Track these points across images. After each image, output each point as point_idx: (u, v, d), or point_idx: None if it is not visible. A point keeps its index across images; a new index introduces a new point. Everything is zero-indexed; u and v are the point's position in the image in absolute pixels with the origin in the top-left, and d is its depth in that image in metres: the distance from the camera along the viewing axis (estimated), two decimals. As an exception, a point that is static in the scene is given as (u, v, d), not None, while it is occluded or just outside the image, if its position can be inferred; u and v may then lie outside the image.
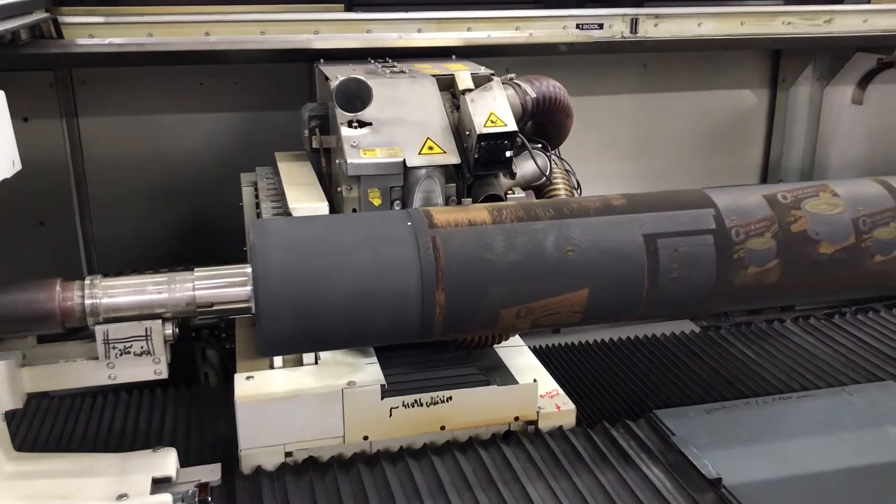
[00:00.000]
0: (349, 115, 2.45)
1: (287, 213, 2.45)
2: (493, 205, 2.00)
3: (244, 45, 3.12)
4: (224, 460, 2.20)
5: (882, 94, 4.51)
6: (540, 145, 2.65)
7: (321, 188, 2.58)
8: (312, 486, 2.13)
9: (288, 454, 2.21)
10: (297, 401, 2.19)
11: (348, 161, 2.36)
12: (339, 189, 2.49)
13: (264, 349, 1.78)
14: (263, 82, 3.67)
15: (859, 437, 2.38)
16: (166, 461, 2.04)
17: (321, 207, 2.38)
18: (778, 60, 4.36)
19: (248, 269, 1.79)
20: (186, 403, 2.80)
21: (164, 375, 1.88)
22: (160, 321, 1.84)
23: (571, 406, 2.43)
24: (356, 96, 2.42)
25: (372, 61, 3.08)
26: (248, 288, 1.79)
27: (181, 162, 3.75)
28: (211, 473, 2.09)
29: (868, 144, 4.62)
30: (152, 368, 1.87)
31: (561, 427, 2.40)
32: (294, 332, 1.77)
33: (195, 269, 1.85)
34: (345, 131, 2.44)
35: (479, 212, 1.96)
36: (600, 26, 3.40)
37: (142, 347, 1.84)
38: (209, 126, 3.74)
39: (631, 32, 3.44)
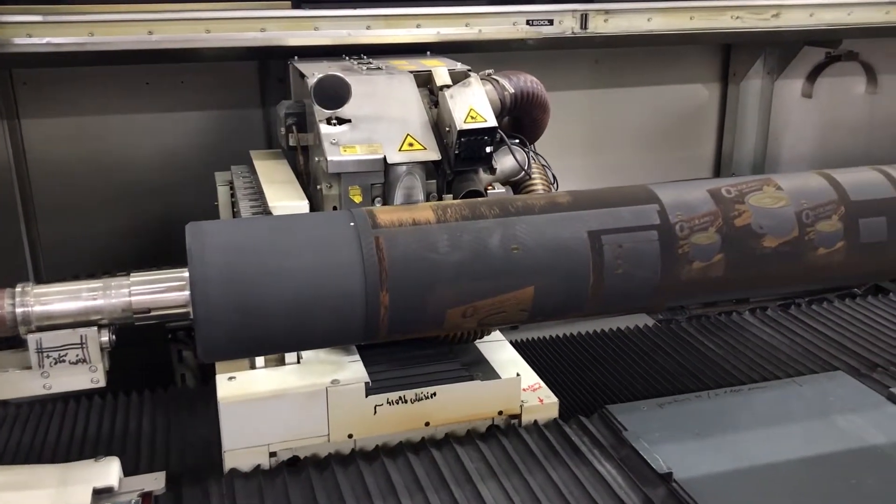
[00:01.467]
0: (328, 113, 2.44)
1: (266, 211, 2.44)
2: (438, 204, 1.98)
3: (190, 43, 3.05)
4: (204, 462, 2.22)
5: (831, 87, 4.58)
6: (517, 140, 2.65)
7: (300, 186, 2.57)
8: (287, 485, 2.12)
9: (272, 454, 2.20)
10: (280, 400, 2.18)
11: (329, 159, 2.35)
12: (318, 187, 2.47)
13: (202, 356, 1.74)
14: (211, 81, 3.61)
15: (809, 428, 2.41)
16: (108, 471, 1.99)
17: (301, 206, 2.38)
18: (728, 55, 4.41)
19: (186, 274, 1.75)
20: (164, 406, 2.74)
21: (102, 384, 1.83)
22: (96, 328, 1.79)
23: (554, 399, 2.44)
24: (335, 93, 2.41)
25: (346, 58, 3.06)
26: (186, 293, 1.74)
27: (130, 163, 3.69)
28: (155, 482, 2.04)
29: (818, 137, 4.70)
30: (89, 377, 1.82)
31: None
32: (233, 337, 1.74)
33: (131, 275, 1.80)
34: (324, 128, 2.43)
35: (423, 211, 1.93)
36: (550, 22, 3.40)
37: (77, 356, 1.79)
38: (157, 126, 3.68)
39: (581, 28, 3.44)
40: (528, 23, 3.37)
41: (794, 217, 2.05)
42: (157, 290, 1.79)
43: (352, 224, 1.84)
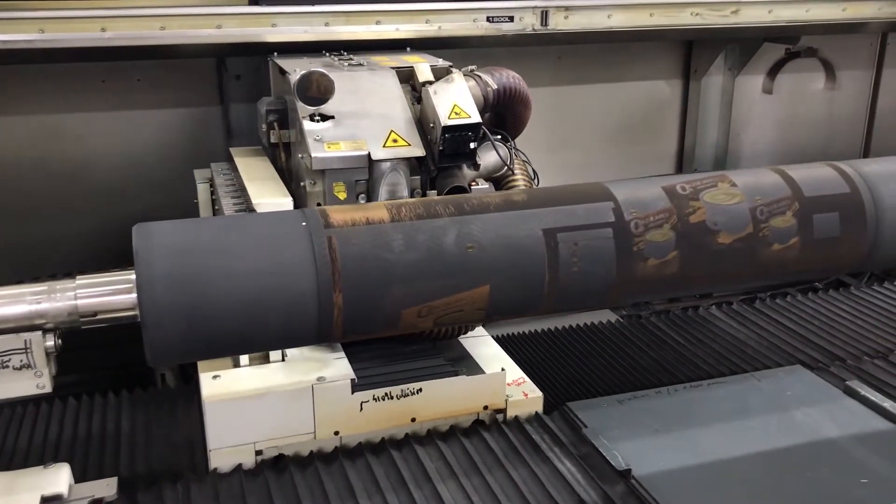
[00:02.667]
0: (311, 109, 2.43)
1: (249, 209, 2.44)
2: (393, 202, 1.95)
3: (144, 40, 3.01)
4: (186, 462, 2.21)
5: (791, 83, 4.63)
6: (499, 136, 2.65)
7: (283, 183, 2.57)
8: (268, 484, 2.11)
9: (258, 452, 2.19)
10: (266, 398, 2.18)
11: (312, 155, 2.34)
12: (301, 184, 2.46)
13: (151, 360, 1.70)
14: (168, 79, 3.55)
15: (766, 423, 2.43)
16: (58, 478, 1.95)
17: (285, 202, 2.40)
18: (690, 51, 4.43)
19: (133, 276, 1.71)
20: (144, 406, 2.68)
21: (48, 389, 1.79)
22: (41, 333, 1.75)
23: (538, 393, 2.45)
24: (318, 90, 2.40)
25: (327, 54, 3.05)
26: (134, 295, 1.71)
27: (88, 163, 3.62)
28: (107, 488, 2.01)
29: (779, 132, 4.74)
30: (34, 382, 1.77)
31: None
32: (182, 340, 1.70)
33: (77, 277, 1.76)
34: (307, 125, 2.42)
35: (377, 210, 1.91)
36: (511, 19, 3.39)
37: (21, 361, 1.74)
38: (114, 125, 3.62)
39: (541, 25, 3.45)
40: (488, 19, 3.37)
41: (748, 213, 2.06)
42: (103, 293, 1.74)
43: (304, 224, 1.81)
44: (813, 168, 2.24)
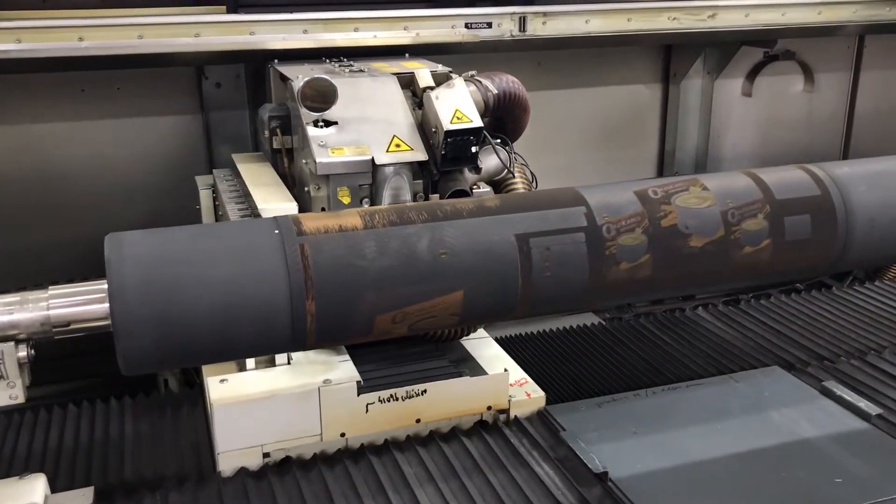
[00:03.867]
0: (315, 115, 2.46)
1: (255, 214, 2.46)
2: (366, 209, 1.97)
3: (122, 49, 3.00)
4: (194, 466, 2.23)
5: (770, 85, 4.66)
6: (499, 140, 2.68)
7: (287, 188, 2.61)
8: (272, 487, 2.12)
9: (265, 455, 2.21)
10: (274, 401, 2.19)
11: (317, 160, 2.38)
12: (306, 189, 2.49)
13: (124, 369, 1.71)
14: (148, 87, 3.55)
15: (743, 424, 2.44)
16: (32, 488, 1.94)
17: (290, 207, 2.42)
18: (669, 55, 4.46)
19: (106, 286, 1.71)
20: (147, 411, 2.67)
21: (21, 400, 1.79)
22: (13, 343, 1.75)
23: (541, 393, 2.47)
24: (321, 96, 2.44)
25: (327, 60, 3.08)
26: (106, 305, 1.71)
27: (70, 173, 3.61)
28: (82, 498, 2.00)
29: (759, 134, 4.77)
30: (7, 393, 1.77)
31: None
32: (155, 349, 1.71)
33: (49, 288, 1.76)
34: (311, 131, 2.46)
35: (350, 217, 1.92)
36: (489, 25, 3.41)
37: (-6, 372, 1.74)
38: (95, 134, 3.61)
39: (520, 31, 3.46)
40: (466, 26, 3.38)
41: (719, 216, 2.08)
42: (76, 303, 1.75)
43: (276, 232, 1.82)
44: (784, 171, 2.26)
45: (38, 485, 1.96)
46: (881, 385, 2.63)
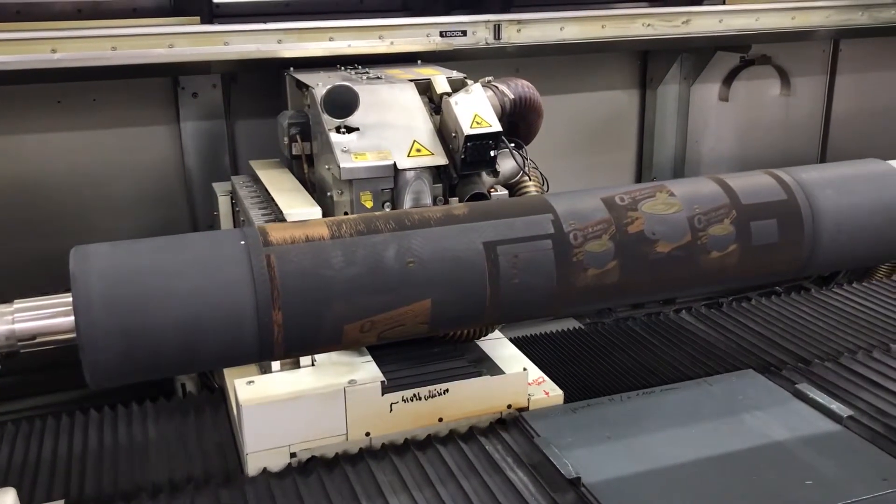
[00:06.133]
0: (337, 122, 2.52)
1: (279, 219, 2.52)
2: (333, 219, 1.97)
3: (95, 61, 3.00)
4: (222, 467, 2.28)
5: (746, 90, 4.69)
6: (514, 144, 2.73)
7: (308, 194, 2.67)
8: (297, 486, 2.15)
9: (292, 455, 2.26)
10: (300, 402, 2.24)
11: (341, 166, 2.43)
12: (329, 194, 2.55)
13: (91, 382, 1.71)
14: (123, 98, 3.55)
15: (716, 427, 2.45)
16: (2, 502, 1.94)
17: (314, 212, 2.50)
18: (646, 61, 4.48)
19: (71, 299, 1.71)
20: (167, 416, 2.69)
21: (-12, 413, 1.79)
22: (-22, 358, 1.75)
23: (559, 391, 2.54)
24: (344, 103, 2.50)
25: (342, 68, 3.14)
26: (72, 318, 1.71)
27: (45, 184, 3.59)
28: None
29: (736, 139, 4.80)
30: (-26, 407, 1.77)
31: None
32: (121, 362, 1.71)
33: (14, 301, 1.76)
34: (334, 137, 2.52)
35: (317, 227, 1.93)
36: (464, 33, 3.42)
37: (-41, 386, 1.74)
38: (71, 146, 3.60)
39: (495, 39, 3.48)
40: (441, 34, 3.39)
41: (686, 222, 2.10)
42: (41, 317, 1.75)
43: (242, 242, 1.83)
44: (751, 176, 2.28)
45: (7, 499, 1.95)
46: (853, 387, 2.65)
